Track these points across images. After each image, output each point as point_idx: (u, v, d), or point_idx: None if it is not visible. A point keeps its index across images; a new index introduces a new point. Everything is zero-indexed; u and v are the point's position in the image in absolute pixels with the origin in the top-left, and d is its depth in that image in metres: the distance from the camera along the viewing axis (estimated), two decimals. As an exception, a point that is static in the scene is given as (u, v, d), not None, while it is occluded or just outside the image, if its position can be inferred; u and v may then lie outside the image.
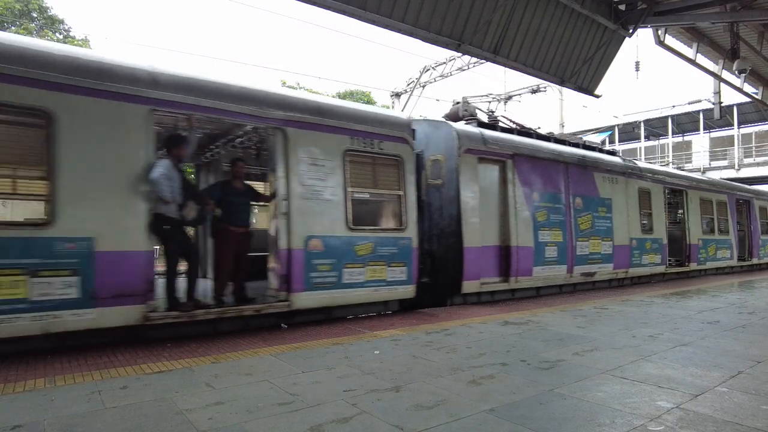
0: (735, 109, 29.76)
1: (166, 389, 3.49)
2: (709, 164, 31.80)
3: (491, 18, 9.55)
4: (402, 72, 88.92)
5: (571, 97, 30.46)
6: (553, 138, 10.34)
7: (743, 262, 16.20)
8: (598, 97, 12.97)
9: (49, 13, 26.86)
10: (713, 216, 14.56)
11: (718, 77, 14.45)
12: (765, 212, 17.74)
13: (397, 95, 24.36)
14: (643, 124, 35.87)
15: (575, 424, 2.89)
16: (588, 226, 9.93)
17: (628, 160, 12.22)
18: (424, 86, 22.90)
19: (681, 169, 26.71)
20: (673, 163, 32.67)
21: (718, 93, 15.90)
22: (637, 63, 17.48)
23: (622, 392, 3.46)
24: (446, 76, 22.06)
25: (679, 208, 13.88)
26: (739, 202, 16.18)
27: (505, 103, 14.60)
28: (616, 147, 39.10)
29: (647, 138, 38.24)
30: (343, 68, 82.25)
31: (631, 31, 11.50)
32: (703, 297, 9.03)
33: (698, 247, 13.70)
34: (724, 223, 15.14)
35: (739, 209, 16.24)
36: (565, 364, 4.23)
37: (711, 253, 14.35)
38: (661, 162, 33.25)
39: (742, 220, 16.36)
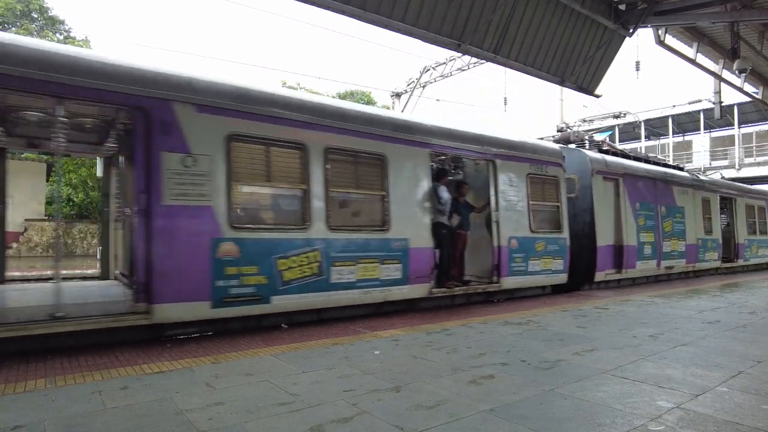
0: (735, 108, 29.73)
1: (167, 389, 3.50)
2: (710, 164, 31.76)
3: (491, 18, 9.56)
4: (402, 72, 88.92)
5: (572, 96, 30.46)
6: (644, 158, 13.06)
7: None
8: (598, 96, 12.98)
9: (49, 13, 26.90)
10: (755, 219, 17.30)
11: (718, 77, 14.45)
12: None
13: (398, 95, 24.38)
14: (643, 124, 35.86)
15: (575, 423, 2.89)
16: (670, 229, 12.41)
17: (694, 175, 14.68)
18: (424, 86, 22.92)
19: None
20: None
21: (718, 93, 15.91)
22: (638, 63, 17.45)
23: (623, 392, 3.46)
24: (446, 76, 22.08)
25: (728, 213, 16.31)
26: None
27: (590, 124, 16.09)
28: (616, 147, 39.08)
29: (647, 138, 38.23)
30: (343, 68, 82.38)
31: (631, 31, 11.50)
32: (704, 297, 9.03)
33: (744, 246, 16.31)
34: (763, 226, 17.88)
35: None
36: (566, 364, 4.22)
37: (753, 251, 17.09)
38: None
39: None
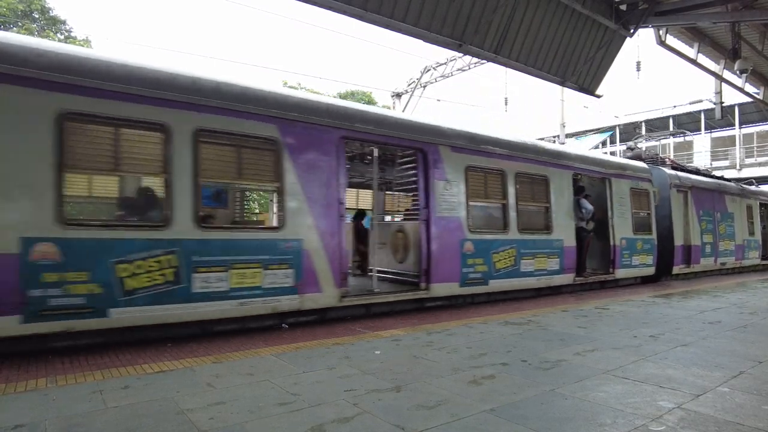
0: (736, 109, 29.69)
1: (168, 389, 3.50)
2: (711, 164, 31.72)
3: (492, 18, 9.56)
4: (403, 72, 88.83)
5: (572, 97, 30.42)
6: (703, 172, 15.58)
7: None
8: (599, 97, 12.97)
9: (50, 13, 26.91)
10: None
11: (719, 77, 14.44)
12: None
13: (398, 95, 24.36)
14: (644, 125, 35.81)
15: (576, 424, 2.89)
16: (724, 231, 14.70)
17: (740, 185, 16.65)
18: (424, 86, 22.90)
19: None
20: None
21: (719, 93, 15.89)
22: (638, 63, 17.44)
23: (624, 392, 3.45)
24: (447, 77, 22.06)
25: (765, 217, 18.39)
26: None
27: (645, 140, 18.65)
28: (617, 147, 39.10)
29: (648, 138, 38.12)
30: (343, 68, 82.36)
31: (632, 31, 11.50)
32: (705, 297, 9.02)
33: None
34: None
35: None
36: (566, 364, 4.22)
37: None
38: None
39: None
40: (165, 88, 5.22)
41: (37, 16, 26.43)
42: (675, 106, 34.09)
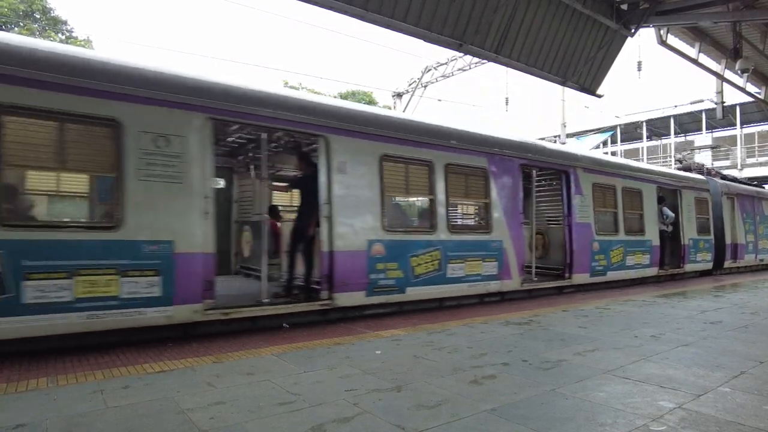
0: (738, 108, 29.68)
1: (168, 389, 3.50)
2: (712, 164, 31.67)
3: (492, 18, 9.55)
4: (403, 72, 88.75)
5: (573, 96, 30.40)
6: (744, 181, 18.13)
7: None
8: (600, 96, 12.95)
9: (52, 14, 26.95)
10: None
11: (720, 77, 14.42)
12: None
13: (399, 95, 24.37)
14: (645, 124, 35.80)
15: (577, 423, 2.89)
16: (762, 232, 16.91)
17: None
18: (425, 86, 22.90)
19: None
20: (677, 162, 32.62)
21: (720, 93, 15.87)
22: (639, 63, 17.40)
23: (624, 392, 3.45)
24: (447, 77, 22.06)
25: None
26: None
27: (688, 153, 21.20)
28: (618, 147, 39.05)
29: (649, 138, 38.14)
30: (344, 68, 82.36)
31: (633, 31, 11.48)
32: (706, 297, 9.01)
33: None
34: None
35: None
36: (567, 364, 4.22)
37: None
38: (663, 162, 33.18)
39: None
40: (486, 144, 8.16)
41: (38, 17, 26.47)
42: (676, 106, 34.09)
